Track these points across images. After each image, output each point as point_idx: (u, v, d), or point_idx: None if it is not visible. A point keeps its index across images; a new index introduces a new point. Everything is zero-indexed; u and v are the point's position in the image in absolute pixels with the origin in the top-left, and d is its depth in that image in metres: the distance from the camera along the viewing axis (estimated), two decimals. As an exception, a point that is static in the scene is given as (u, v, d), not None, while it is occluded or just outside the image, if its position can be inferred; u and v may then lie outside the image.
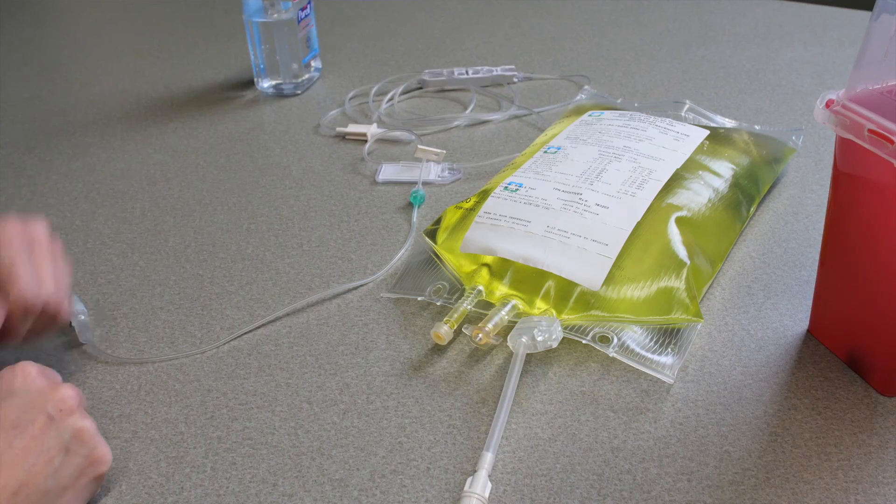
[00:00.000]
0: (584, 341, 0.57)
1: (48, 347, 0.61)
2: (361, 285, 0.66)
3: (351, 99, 0.95)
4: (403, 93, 0.96)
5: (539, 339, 0.55)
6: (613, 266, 0.58)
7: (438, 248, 0.65)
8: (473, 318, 0.60)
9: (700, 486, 0.49)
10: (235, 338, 0.61)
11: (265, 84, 0.98)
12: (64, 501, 0.46)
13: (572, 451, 0.51)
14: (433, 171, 0.80)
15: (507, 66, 0.98)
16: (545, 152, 0.71)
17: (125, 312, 0.65)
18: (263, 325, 0.62)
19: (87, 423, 0.48)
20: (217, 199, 0.79)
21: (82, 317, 0.62)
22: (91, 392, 0.57)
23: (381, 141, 0.86)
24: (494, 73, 0.97)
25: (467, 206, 0.67)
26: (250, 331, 0.62)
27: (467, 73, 0.97)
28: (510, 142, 0.86)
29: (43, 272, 0.54)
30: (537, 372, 0.57)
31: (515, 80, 0.98)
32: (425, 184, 0.78)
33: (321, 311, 0.64)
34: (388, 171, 0.80)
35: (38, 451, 0.45)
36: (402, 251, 0.69)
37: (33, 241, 0.54)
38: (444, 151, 0.80)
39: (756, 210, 0.71)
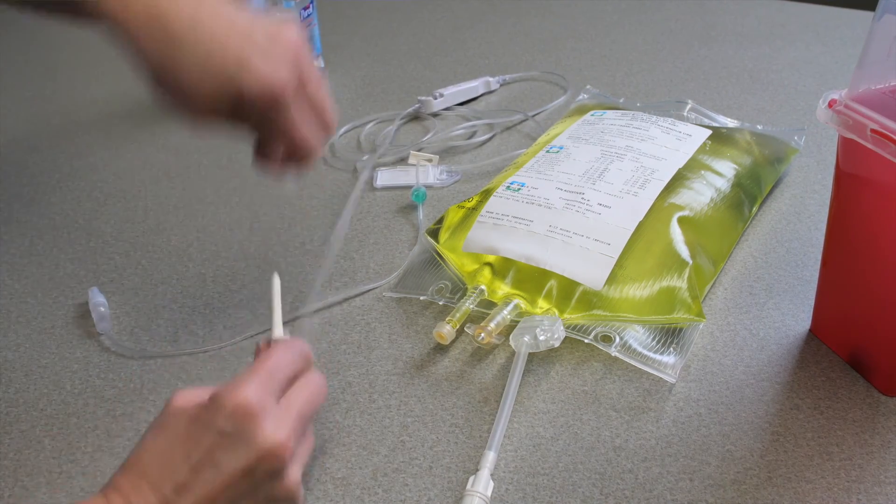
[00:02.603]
0: (586, 340, 0.57)
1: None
2: (374, 288, 0.66)
3: (341, 136, 0.88)
4: (401, 124, 0.90)
5: (541, 338, 0.55)
6: (616, 265, 0.58)
7: (441, 248, 0.65)
8: (476, 318, 0.60)
9: (702, 486, 0.49)
10: (242, 339, 0.61)
11: (268, 83, 0.98)
12: None
13: (574, 450, 0.51)
14: (431, 174, 0.79)
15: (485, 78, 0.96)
16: (547, 152, 0.71)
17: (128, 311, 0.65)
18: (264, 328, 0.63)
19: None
20: (220, 198, 0.79)
21: (102, 308, 0.63)
22: (94, 390, 0.58)
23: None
24: (477, 88, 0.94)
25: (469, 205, 0.67)
26: (254, 334, 0.62)
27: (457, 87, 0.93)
28: (511, 142, 0.86)
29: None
30: (539, 371, 0.57)
31: (495, 85, 0.96)
32: (425, 187, 0.78)
33: (324, 310, 0.64)
34: (384, 177, 0.80)
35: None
36: (414, 251, 0.69)
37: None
38: (437, 156, 0.80)
39: (758, 210, 0.71)
